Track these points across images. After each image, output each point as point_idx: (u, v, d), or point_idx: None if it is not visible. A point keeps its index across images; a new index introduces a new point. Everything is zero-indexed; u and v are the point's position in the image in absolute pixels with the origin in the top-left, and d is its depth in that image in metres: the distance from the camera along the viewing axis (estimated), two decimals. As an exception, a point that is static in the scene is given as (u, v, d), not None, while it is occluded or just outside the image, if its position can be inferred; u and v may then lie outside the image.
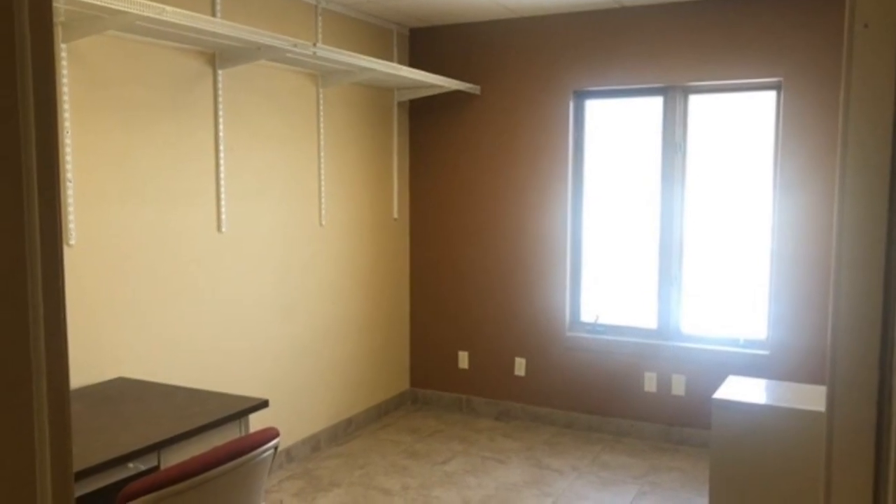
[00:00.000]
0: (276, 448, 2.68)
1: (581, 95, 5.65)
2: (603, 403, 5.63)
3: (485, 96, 5.84)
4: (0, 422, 0.75)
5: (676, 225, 5.41)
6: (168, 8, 3.38)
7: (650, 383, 5.46)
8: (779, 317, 5.06)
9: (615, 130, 5.61)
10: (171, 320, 4.11)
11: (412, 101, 6.05)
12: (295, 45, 4.14)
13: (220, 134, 4.35)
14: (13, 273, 0.76)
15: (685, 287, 5.45)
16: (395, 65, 5.06)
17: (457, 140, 5.96)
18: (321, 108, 5.11)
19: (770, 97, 5.12)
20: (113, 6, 3.20)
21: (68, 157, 3.49)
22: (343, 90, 5.32)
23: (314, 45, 4.27)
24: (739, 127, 5.25)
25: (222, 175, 4.37)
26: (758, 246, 5.22)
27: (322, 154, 5.15)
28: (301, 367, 5.06)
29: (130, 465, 2.73)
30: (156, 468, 2.82)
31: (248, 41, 4.01)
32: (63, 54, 3.45)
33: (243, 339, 4.59)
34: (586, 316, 5.76)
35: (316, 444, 5.21)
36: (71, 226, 3.52)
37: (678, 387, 5.38)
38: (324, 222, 5.20)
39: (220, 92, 4.33)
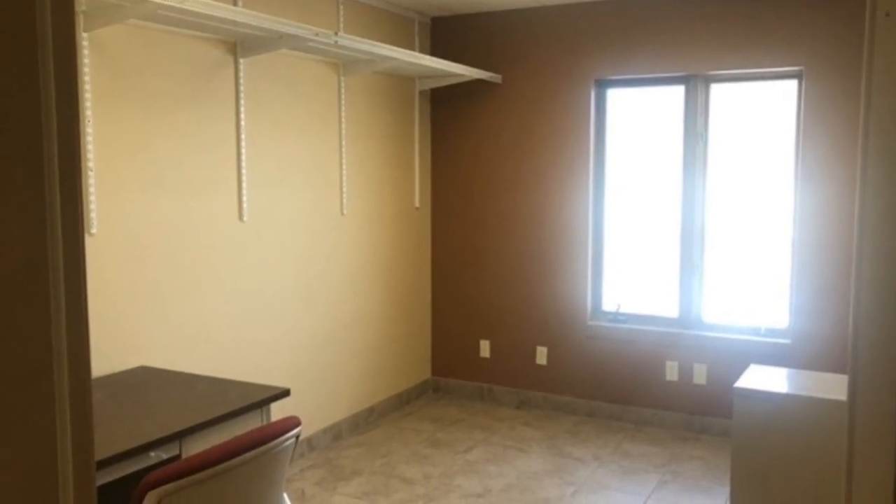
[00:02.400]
0: (297, 437, 2.69)
1: (603, 84, 5.62)
2: (624, 392, 5.62)
3: (506, 85, 5.82)
4: (22, 410, 0.76)
5: (698, 214, 5.38)
6: (189, -2, 3.39)
7: (672, 372, 5.44)
8: (800, 306, 5.03)
9: (637, 119, 5.58)
10: (192, 309, 4.13)
11: (434, 90, 6.05)
12: (317, 34, 4.13)
13: (242, 123, 4.36)
14: (35, 262, 0.76)
15: (707, 276, 5.42)
16: (416, 54, 5.06)
17: (478, 129, 5.95)
18: (343, 96, 5.12)
19: (791, 86, 5.07)
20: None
21: (90, 147, 3.52)
22: (364, 79, 5.32)
23: (336, 33, 4.26)
24: (761, 116, 5.20)
25: (244, 164, 4.38)
26: (779, 235, 5.18)
27: (343, 143, 5.15)
28: (322, 355, 5.08)
29: (152, 453, 2.75)
30: (177, 457, 2.83)
31: (270, 30, 4.01)
32: (84, 43, 3.47)
33: (265, 329, 4.62)
34: (608, 305, 5.75)
35: (337, 433, 5.23)
36: (92, 215, 3.54)
37: (700, 376, 5.36)
38: (345, 211, 5.21)
39: (241, 81, 4.34)
